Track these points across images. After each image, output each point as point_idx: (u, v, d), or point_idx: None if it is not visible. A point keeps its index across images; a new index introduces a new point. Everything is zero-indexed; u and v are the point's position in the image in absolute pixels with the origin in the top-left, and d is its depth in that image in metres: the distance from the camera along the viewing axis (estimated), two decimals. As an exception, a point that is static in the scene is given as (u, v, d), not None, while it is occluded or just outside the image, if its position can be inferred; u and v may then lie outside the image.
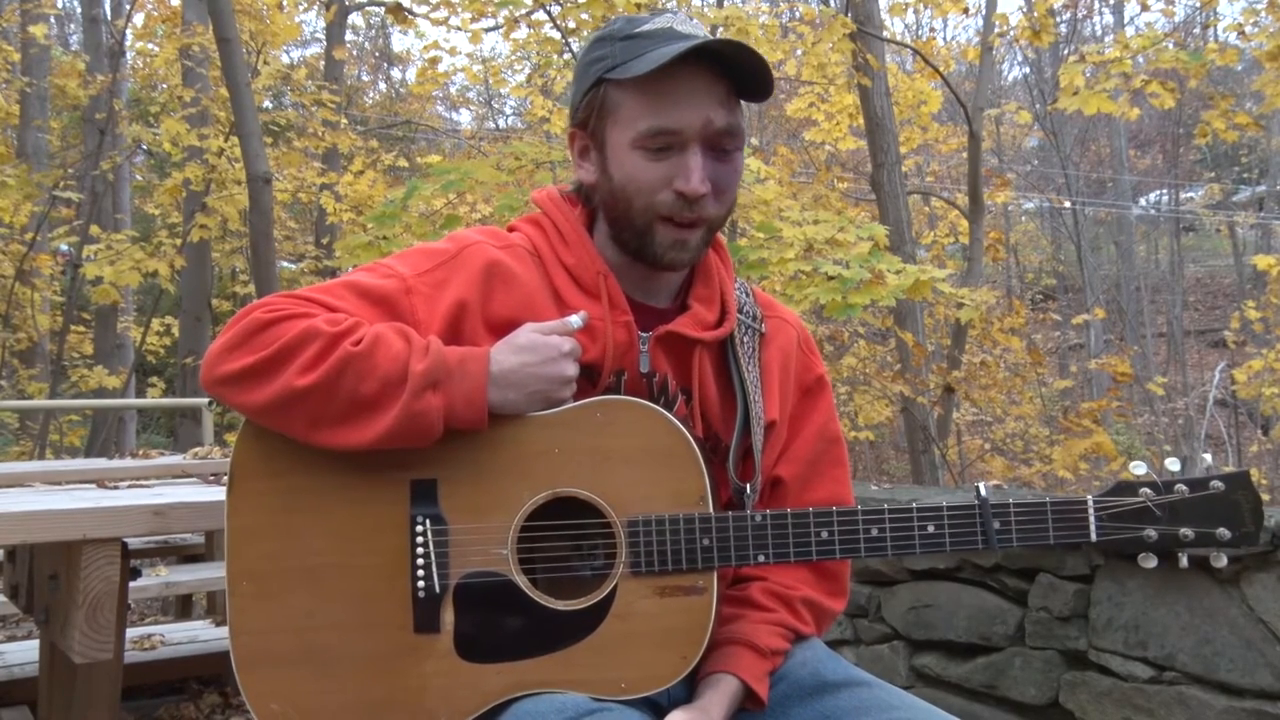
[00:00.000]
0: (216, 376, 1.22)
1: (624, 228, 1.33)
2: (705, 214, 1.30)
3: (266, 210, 5.72)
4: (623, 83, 1.28)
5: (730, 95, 1.28)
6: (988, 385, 8.76)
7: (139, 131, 9.64)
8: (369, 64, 21.36)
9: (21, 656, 3.08)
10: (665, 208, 1.28)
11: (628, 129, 1.28)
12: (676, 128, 1.26)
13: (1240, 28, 6.98)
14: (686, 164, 1.27)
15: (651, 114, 1.26)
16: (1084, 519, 1.25)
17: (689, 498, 1.25)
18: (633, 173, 1.29)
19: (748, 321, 1.43)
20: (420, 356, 1.20)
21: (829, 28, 6.90)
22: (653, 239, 1.31)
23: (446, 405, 1.20)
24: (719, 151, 1.29)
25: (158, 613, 5.22)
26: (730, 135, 1.29)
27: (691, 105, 1.26)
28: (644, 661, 1.22)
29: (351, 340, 1.20)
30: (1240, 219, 20.56)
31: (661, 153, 1.27)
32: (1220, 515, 1.23)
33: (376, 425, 1.20)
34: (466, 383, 1.21)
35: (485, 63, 15.20)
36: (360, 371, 1.19)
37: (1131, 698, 2.41)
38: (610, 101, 1.30)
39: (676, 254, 1.32)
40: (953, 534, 1.26)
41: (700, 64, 1.25)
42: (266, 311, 1.23)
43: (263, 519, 1.25)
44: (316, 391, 1.19)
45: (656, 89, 1.26)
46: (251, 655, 1.24)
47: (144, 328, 11.14)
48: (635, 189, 1.29)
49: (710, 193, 1.29)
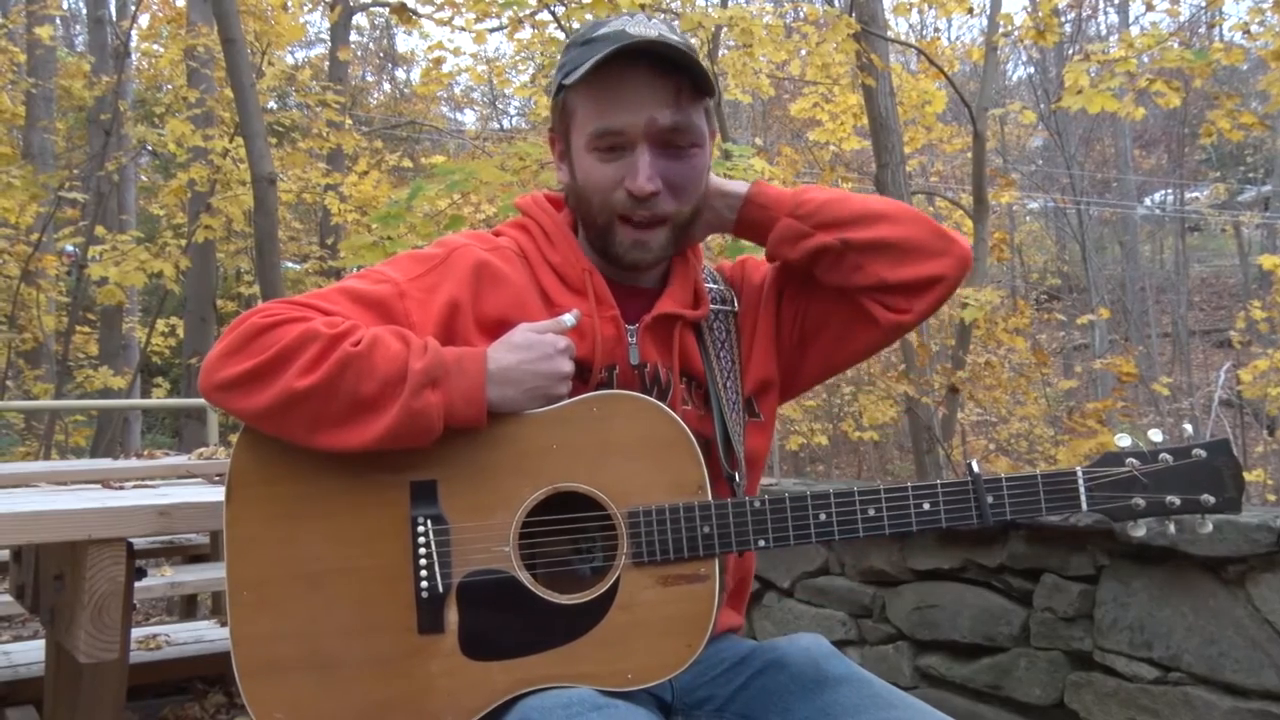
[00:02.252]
0: (215, 382, 1.22)
1: (589, 227, 1.38)
2: (661, 211, 1.33)
3: (271, 211, 5.73)
4: (576, 87, 1.31)
5: (682, 93, 1.31)
6: (992, 385, 8.76)
7: (144, 132, 9.66)
8: (373, 64, 21.39)
9: (27, 656, 3.09)
10: (621, 207, 1.32)
11: (582, 132, 1.33)
12: (619, 128, 1.30)
13: (1246, 27, 6.95)
14: (634, 163, 1.30)
15: (597, 115, 1.30)
16: (1074, 490, 1.28)
17: (688, 487, 1.26)
18: (589, 173, 1.33)
19: (718, 306, 1.46)
20: (419, 355, 1.21)
21: (833, 28, 6.89)
22: (614, 238, 1.35)
23: (446, 403, 1.21)
24: (671, 149, 1.32)
25: (163, 613, 5.24)
26: (680, 133, 1.31)
27: (634, 105, 1.29)
28: (649, 651, 1.23)
29: (350, 341, 1.21)
30: (1245, 219, 20.50)
31: (612, 153, 1.31)
32: (1204, 482, 1.27)
33: (376, 425, 1.20)
34: (465, 380, 1.22)
35: (489, 63, 15.23)
36: (360, 371, 1.20)
37: (1137, 698, 2.40)
38: (569, 106, 1.34)
39: (638, 254, 1.36)
40: (948, 510, 1.28)
41: (643, 64, 1.28)
42: (264, 317, 1.24)
43: (262, 526, 1.25)
44: (317, 393, 1.19)
45: (601, 91, 1.29)
46: (254, 664, 1.23)
47: (149, 328, 11.15)
48: (592, 189, 1.33)
49: (665, 191, 1.31)
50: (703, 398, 1.42)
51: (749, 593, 1.57)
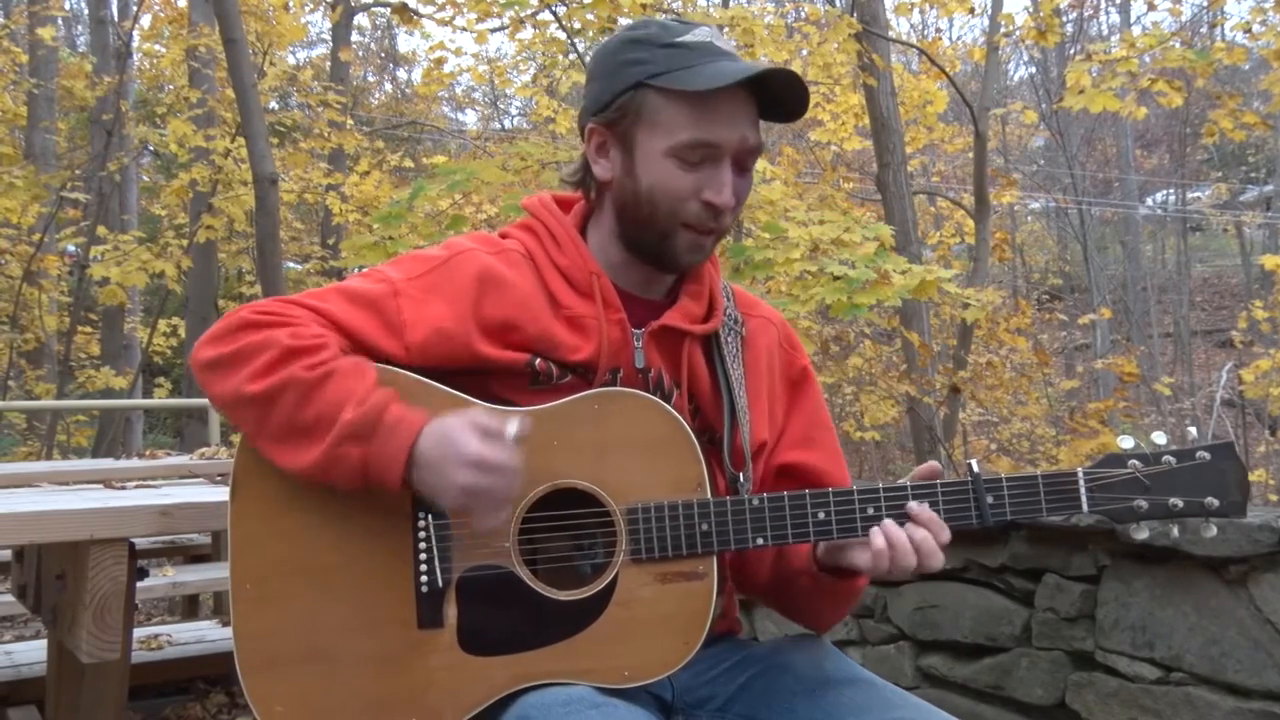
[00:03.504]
0: (195, 360, 1.30)
1: (644, 229, 1.35)
2: (725, 224, 1.35)
3: (272, 211, 5.73)
4: (668, 91, 1.29)
5: (756, 115, 1.33)
6: (994, 385, 8.75)
7: (145, 132, 9.68)
8: (374, 64, 21.40)
9: (29, 656, 3.10)
10: (691, 216, 1.32)
11: (666, 137, 1.30)
12: (717, 142, 1.30)
13: (1248, 26, 6.95)
14: (719, 178, 1.31)
15: (695, 127, 1.29)
16: (1075, 491, 1.27)
17: (687, 484, 1.26)
18: (664, 179, 1.31)
19: (729, 324, 1.45)
20: (358, 404, 1.20)
21: (834, 28, 6.89)
22: (673, 244, 1.34)
23: (363, 461, 1.20)
24: (742, 167, 1.34)
25: (164, 613, 5.23)
26: (756, 154, 1.34)
27: (733, 124, 1.30)
28: (647, 648, 1.23)
29: (305, 364, 1.22)
30: (1247, 218, 20.48)
31: (696, 165, 1.30)
32: (1208, 485, 1.25)
33: (306, 456, 1.22)
34: (389, 446, 1.20)
35: (491, 63, 15.23)
36: (302, 397, 1.21)
37: (1138, 699, 2.40)
38: (649, 106, 1.31)
39: (694, 257, 1.37)
40: (947, 509, 1.27)
41: (743, 85, 1.29)
42: (252, 312, 1.28)
43: (265, 523, 1.26)
44: (258, 402, 1.23)
45: (704, 104, 1.29)
46: (256, 659, 1.24)
47: (150, 328, 11.17)
48: (664, 195, 1.31)
49: (733, 206, 1.34)
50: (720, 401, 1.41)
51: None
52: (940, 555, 1.24)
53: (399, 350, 1.30)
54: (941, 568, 1.24)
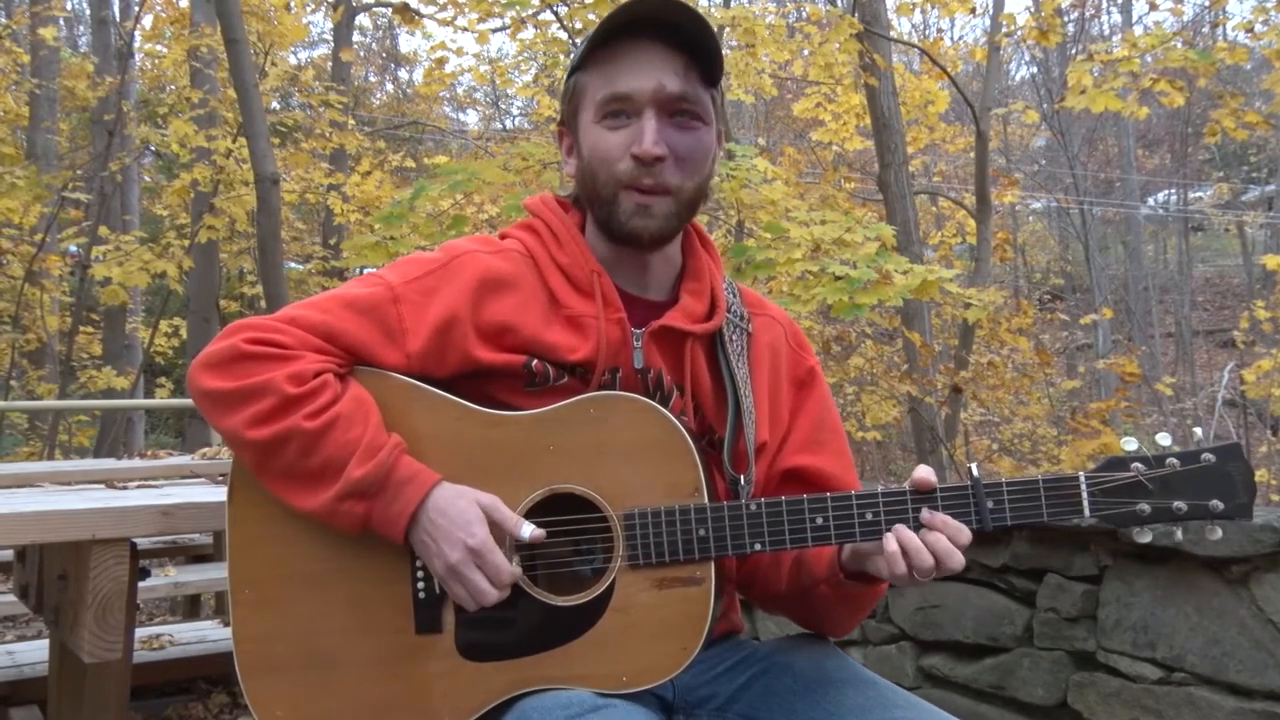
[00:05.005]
0: (193, 384, 1.27)
1: (597, 205, 1.35)
2: (665, 181, 1.31)
3: (274, 211, 5.73)
4: (584, 66, 1.33)
5: (691, 69, 1.31)
6: (995, 385, 8.74)
7: (147, 133, 9.68)
8: (376, 65, 21.42)
9: (31, 656, 3.10)
10: (626, 175, 1.31)
11: (590, 107, 1.33)
12: (627, 92, 1.30)
13: (1249, 26, 6.94)
14: (641, 128, 1.29)
15: (605, 83, 1.31)
16: (1077, 495, 1.24)
17: (684, 489, 1.25)
18: (595, 145, 1.32)
19: (735, 320, 1.43)
20: (364, 460, 1.20)
21: (836, 28, 6.89)
22: (618, 209, 1.32)
23: (366, 517, 1.21)
24: (678, 119, 1.31)
25: (166, 613, 5.24)
26: (686, 102, 1.31)
27: (643, 72, 1.30)
28: (645, 654, 1.23)
29: (307, 411, 1.21)
30: (1249, 218, 20.47)
31: (619, 119, 1.31)
32: (1213, 487, 1.23)
33: (310, 501, 1.22)
34: (394, 507, 1.21)
35: (492, 63, 15.22)
36: (305, 448, 1.21)
37: (1140, 699, 2.40)
38: (578, 88, 1.35)
39: (641, 220, 1.32)
40: (947, 514, 1.25)
41: (652, 35, 1.30)
42: (249, 341, 1.25)
43: (263, 527, 1.26)
44: (259, 447, 1.22)
45: (609, 60, 1.31)
46: (255, 663, 1.24)
47: (152, 328, 11.18)
48: (599, 160, 1.32)
49: (671, 161, 1.30)
50: (722, 401, 1.39)
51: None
52: (959, 556, 1.21)
53: (400, 359, 1.29)
54: (963, 568, 1.22)
